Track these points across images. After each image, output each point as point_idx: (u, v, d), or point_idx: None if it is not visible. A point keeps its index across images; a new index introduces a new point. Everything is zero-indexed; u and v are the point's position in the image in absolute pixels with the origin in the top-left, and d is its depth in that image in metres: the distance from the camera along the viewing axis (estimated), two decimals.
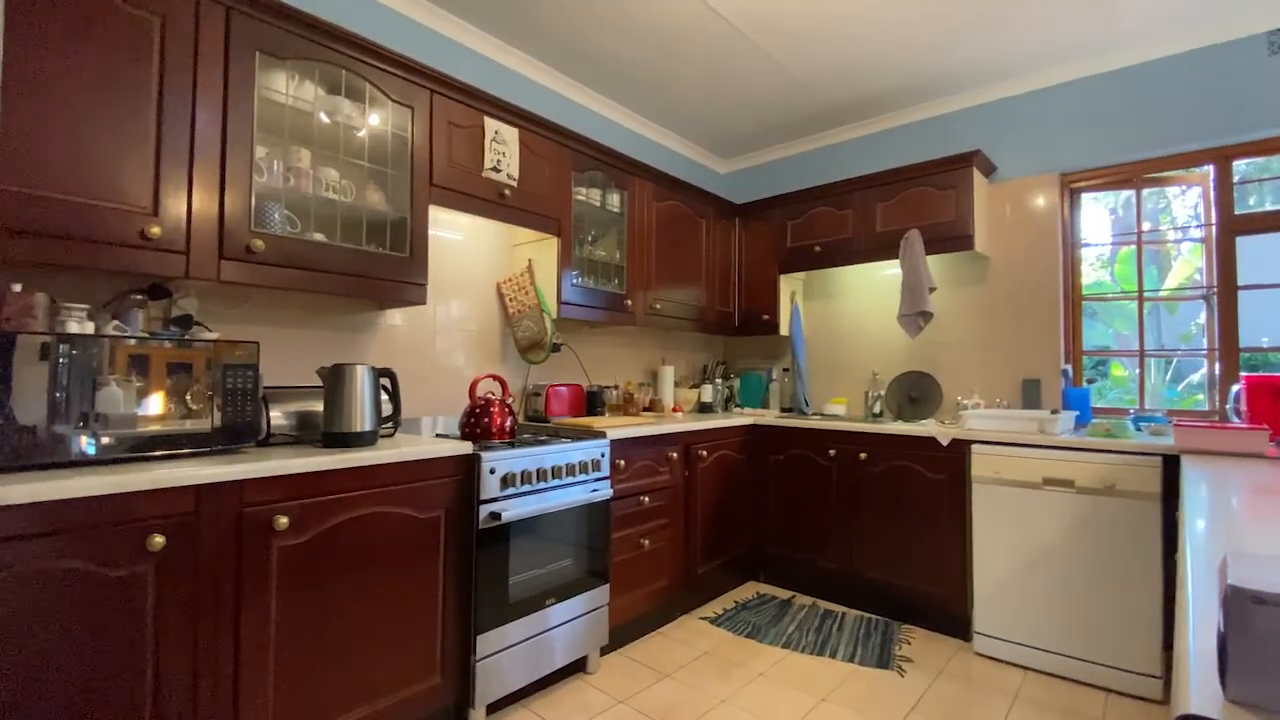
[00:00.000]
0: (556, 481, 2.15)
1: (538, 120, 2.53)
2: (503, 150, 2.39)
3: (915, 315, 3.05)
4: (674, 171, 3.81)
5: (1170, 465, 2.16)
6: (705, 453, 2.96)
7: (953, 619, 2.67)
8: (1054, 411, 2.55)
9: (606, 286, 2.92)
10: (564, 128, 2.64)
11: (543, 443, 2.17)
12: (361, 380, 1.78)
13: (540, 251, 2.72)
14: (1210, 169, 2.66)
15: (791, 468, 3.20)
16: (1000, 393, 3.08)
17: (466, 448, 1.92)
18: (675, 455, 2.77)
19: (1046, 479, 2.38)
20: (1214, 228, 2.66)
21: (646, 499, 2.61)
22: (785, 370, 3.83)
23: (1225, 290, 2.63)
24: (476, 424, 2.04)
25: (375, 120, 2.05)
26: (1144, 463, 2.20)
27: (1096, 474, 2.28)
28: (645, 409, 3.35)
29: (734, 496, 3.19)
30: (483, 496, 1.92)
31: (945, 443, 2.69)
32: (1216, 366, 2.66)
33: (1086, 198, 3.06)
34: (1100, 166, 2.90)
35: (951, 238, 2.98)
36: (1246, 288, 2.61)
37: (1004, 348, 3.09)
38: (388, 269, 2.04)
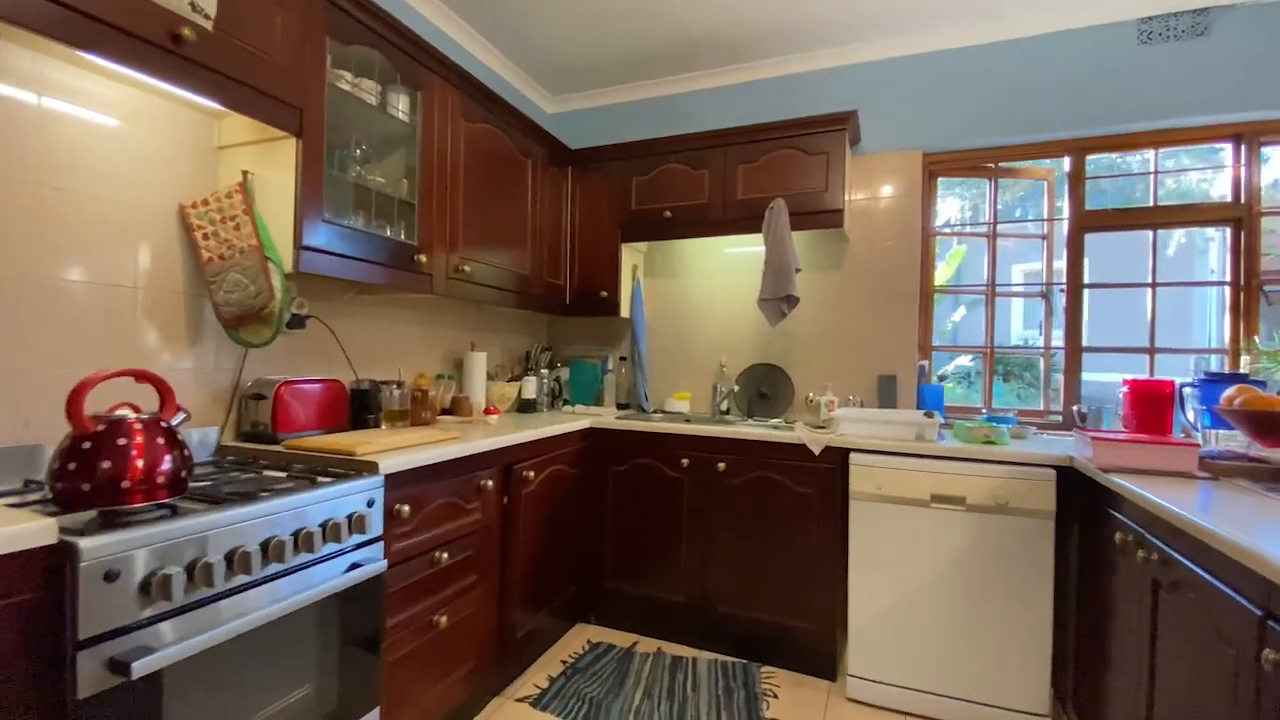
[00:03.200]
0: (276, 566, 1.20)
1: None
2: None
3: (779, 300, 2.59)
4: None
5: (1064, 478, 1.94)
6: (532, 473, 2.17)
7: (820, 657, 2.27)
8: (928, 414, 2.26)
9: (387, 232, 1.95)
10: None
11: (245, 499, 1.20)
12: None
13: (266, 160, 1.66)
14: (1066, 161, 2.58)
15: (635, 482, 2.56)
16: (855, 389, 2.78)
17: (43, 531, 0.90)
18: (490, 483, 1.94)
19: (935, 496, 2.05)
20: (1065, 223, 2.59)
21: (446, 554, 1.75)
22: (623, 359, 3.18)
23: (1073, 287, 2.58)
24: (85, 476, 0.99)
25: None
26: (1039, 476, 1.95)
27: (989, 489, 1.99)
28: (445, 412, 2.44)
29: (566, 525, 2.46)
30: (86, 632, 0.92)
31: (817, 451, 2.25)
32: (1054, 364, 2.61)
33: (940, 183, 2.87)
34: (963, 149, 2.70)
35: (819, 211, 2.56)
36: (1092, 286, 2.59)
37: (860, 340, 2.79)
38: None
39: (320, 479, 1.40)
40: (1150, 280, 2.54)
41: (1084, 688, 1.86)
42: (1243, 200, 2.34)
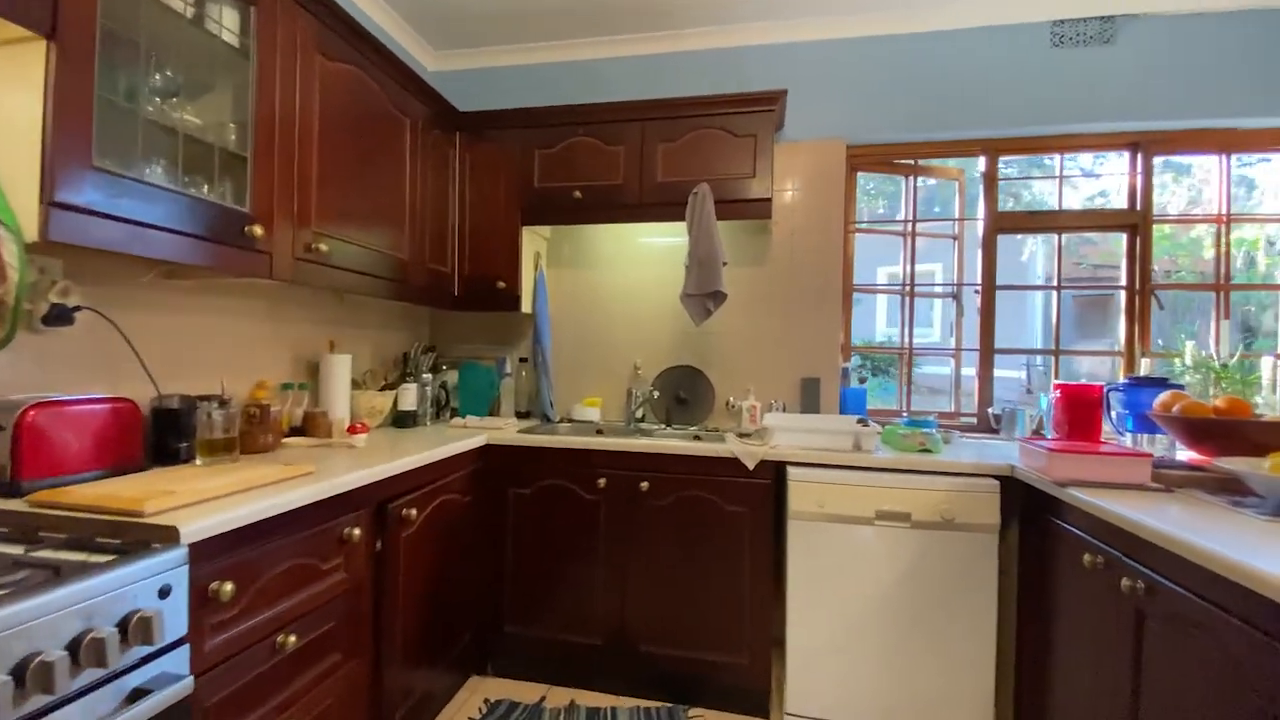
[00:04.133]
0: None
1: None
2: None
3: (705, 297, 2.33)
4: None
5: (1007, 489, 1.85)
6: (414, 510, 1.72)
7: (754, 695, 2.05)
8: (862, 422, 2.11)
9: (204, 192, 1.42)
10: None
11: None
12: None
13: None
14: (981, 161, 2.55)
15: (543, 507, 2.19)
16: (777, 393, 2.60)
17: None
18: (357, 530, 1.48)
19: (880, 513, 1.88)
20: (980, 223, 2.56)
21: (293, 636, 1.28)
22: (523, 361, 2.78)
23: (987, 288, 2.55)
24: None
25: None
26: (983, 488, 1.84)
27: (934, 504, 1.85)
28: (294, 432, 1.91)
29: (458, 564, 2.03)
30: None
31: (751, 465, 2.02)
32: (971, 366, 2.59)
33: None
34: (884, 143, 2.60)
35: (747, 200, 2.33)
36: (1005, 288, 2.58)
37: (783, 341, 2.61)
38: None
39: (88, 557, 0.90)
40: (1056, 283, 2.58)
41: (1032, 713, 1.77)
42: (1138, 208, 2.42)
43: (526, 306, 2.59)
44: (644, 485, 2.09)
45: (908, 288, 2.67)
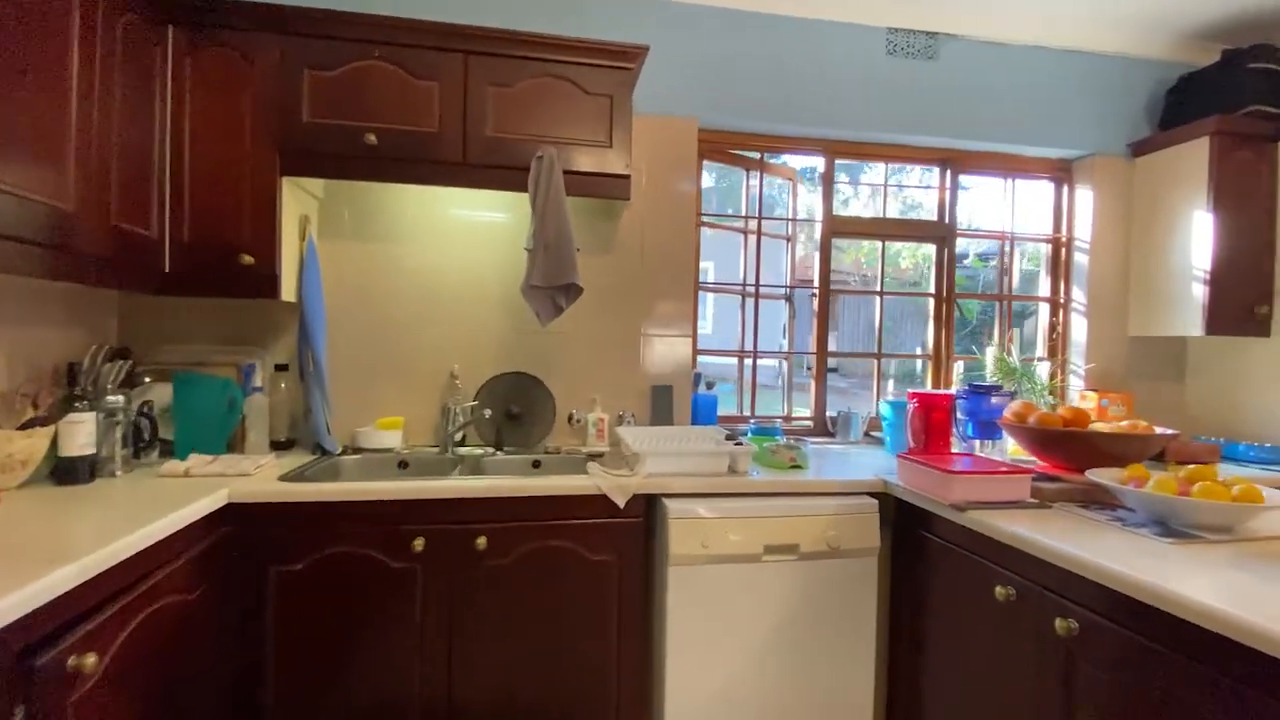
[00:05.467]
0: None
1: None
2: None
3: (555, 290, 1.87)
4: None
5: (884, 506, 1.75)
6: (91, 656, 0.97)
7: None
8: (734, 440, 1.87)
9: None
10: None
11: None
12: None
13: None
14: (821, 162, 2.50)
15: (326, 590, 1.52)
16: (625, 403, 2.25)
17: None
18: None
19: (769, 547, 1.65)
20: (818, 225, 2.51)
21: None
22: (282, 369, 1.98)
23: (824, 291, 2.52)
24: None
25: None
26: (864, 509, 1.71)
27: (820, 531, 1.67)
28: None
29: (184, 709, 1.27)
30: None
31: (623, 502, 1.64)
32: (806, 368, 2.55)
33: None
34: (733, 129, 2.39)
35: (602, 175, 1.92)
36: (838, 291, 2.57)
37: (631, 342, 2.27)
38: None
39: None
40: (879, 289, 2.67)
41: None
42: (947, 221, 2.59)
43: (288, 293, 1.83)
44: (480, 542, 1.57)
45: (750, 288, 2.52)
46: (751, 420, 2.45)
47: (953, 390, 2.05)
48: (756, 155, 2.49)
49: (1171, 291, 2.40)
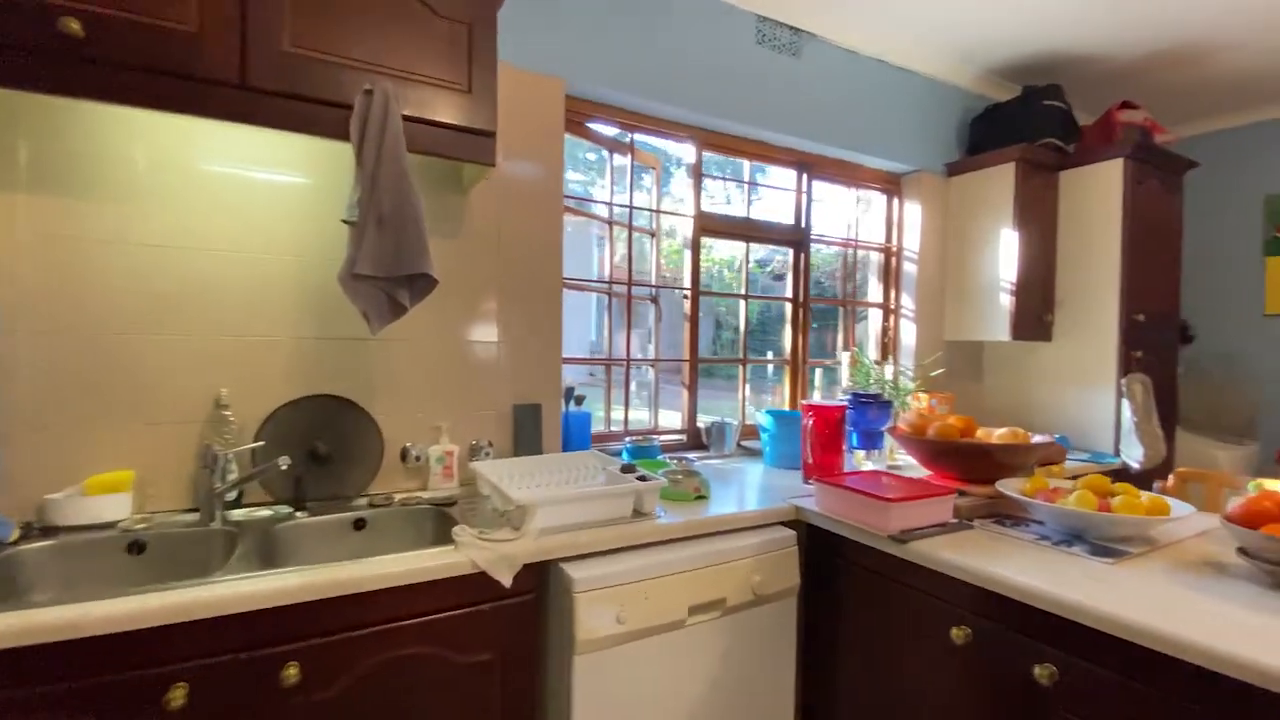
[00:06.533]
0: None
1: None
2: None
3: (394, 281, 1.34)
4: None
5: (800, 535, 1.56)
6: None
7: None
8: (633, 473, 1.53)
9: None
10: None
11: None
12: None
13: None
14: (692, 151, 2.27)
15: None
16: (481, 429, 1.78)
17: None
18: None
19: (694, 607, 1.35)
20: (691, 220, 2.29)
21: None
22: None
23: (695, 293, 2.31)
24: None
25: None
26: (783, 543, 1.51)
27: (744, 577, 1.43)
28: None
29: None
30: None
31: (508, 581, 1.20)
32: (678, 373, 2.32)
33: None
34: (601, 100, 2.05)
35: (459, 128, 1.43)
36: (705, 294, 2.38)
37: (488, 351, 1.80)
38: None
39: None
40: (744, 292, 2.54)
41: None
42: (803, 225, 2.56)
43: None
44: (289, 673, 1.02)
45: (621, 286, 2.21)
46: (626, 438, 2.14)
47: (843, 401, 1.98)
48: (628, 139, 2.17)
49: (982, 300, 2.65)
